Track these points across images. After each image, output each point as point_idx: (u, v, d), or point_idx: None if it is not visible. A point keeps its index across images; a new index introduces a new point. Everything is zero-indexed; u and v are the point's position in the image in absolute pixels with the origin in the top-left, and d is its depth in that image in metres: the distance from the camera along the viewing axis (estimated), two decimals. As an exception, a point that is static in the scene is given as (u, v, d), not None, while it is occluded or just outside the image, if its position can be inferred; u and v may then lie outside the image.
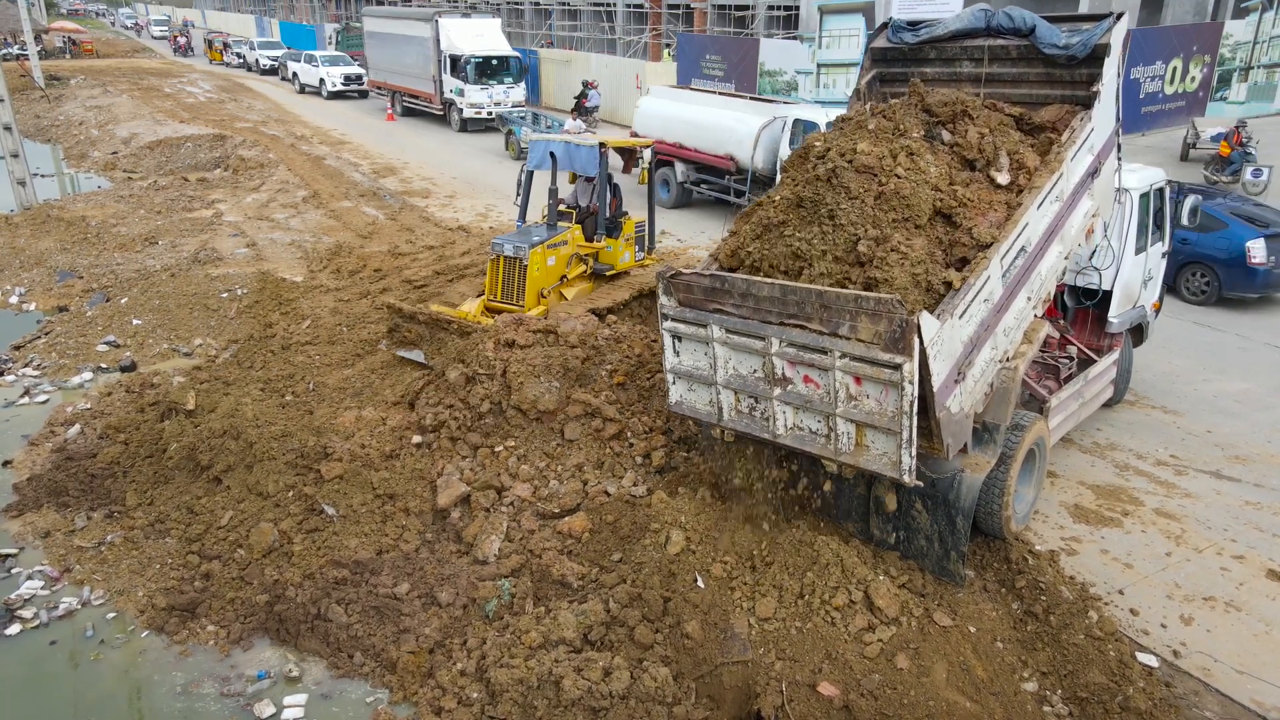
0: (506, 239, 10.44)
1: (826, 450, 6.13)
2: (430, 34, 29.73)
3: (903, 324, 5.39)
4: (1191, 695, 6.05)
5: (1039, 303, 7.13)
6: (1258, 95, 29.33)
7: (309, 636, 6.59)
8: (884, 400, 5.71)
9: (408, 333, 9.90)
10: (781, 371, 6.10)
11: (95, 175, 23.59)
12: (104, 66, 47.77)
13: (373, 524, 7.55)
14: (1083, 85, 7.49)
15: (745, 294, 6.09)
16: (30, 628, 6.85)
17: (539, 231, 10.69)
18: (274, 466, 7.99)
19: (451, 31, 29.44)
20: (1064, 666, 6.15)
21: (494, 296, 10.54)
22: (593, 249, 11.29)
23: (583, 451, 8.04)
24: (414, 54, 31.07)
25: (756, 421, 6.45)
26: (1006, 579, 6.92)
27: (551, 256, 10.54)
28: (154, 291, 13.21)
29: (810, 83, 26.58)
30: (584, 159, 10.81)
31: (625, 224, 11.60)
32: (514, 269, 10.26)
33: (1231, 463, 8.99)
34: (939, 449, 6.12)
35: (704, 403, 6.73)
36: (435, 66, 29.90)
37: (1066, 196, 7.07)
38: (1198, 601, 6.94)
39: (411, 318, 9.92)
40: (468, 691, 6.02)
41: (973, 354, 6.20)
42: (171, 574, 7.30)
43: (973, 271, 6.01)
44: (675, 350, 6.73)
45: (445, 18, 30.11)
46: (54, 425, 9.74)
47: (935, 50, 8.09)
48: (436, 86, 30.28)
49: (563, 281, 10.82)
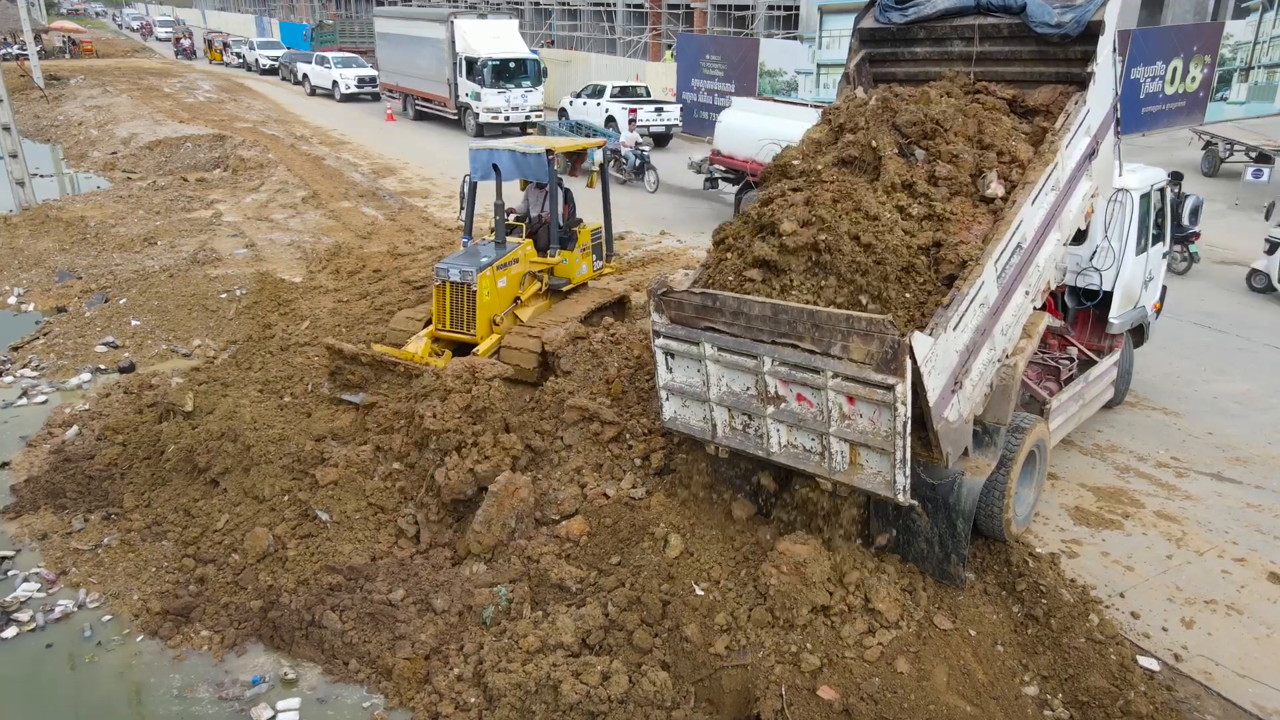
0: (451, 262, 9.61)
1: (821, 469, 6.09)
2: (445, 35, 28.73)
3: (895, 345, 5.34)
4: (1193, 699, 6.02)
5: (1038, 294, 7.03)
6: (1258, 95, 29.30)
7: (303, 643, 6.56)
8: (877, 420, 5.68)
9: (351, 375, 9.17)
10: (775, 390, 6.05)
11: (94, 175, 23.57)
12: (104, 66, 47.75)
13: (366, 530, 7.51)
14: (1078, 62, 7.23)
15: (737, 312, 6.04)
16: (26, 630, 6.83)
17: (487, 251, 9.86)
18: (270, 470, 7.95)
19: (467, 33, 28.38)
20: (1065, 670, 6.13)
21: (442, 326, 9.75)
22: (547, 264, 10.52)
23: (581, 455, 8.01)
24: (427, 56, 30.07)
25: (750, 439, 6.40)
26: (1007, 582, 6.89)
27: (502, 278, 9.75)
28: (153, 292, 13.19)
29: (810, 83, 26.55)
30: (533, 166, 10.01)
31: (580, 233, 10.87)
32: (462, 295, 9.46)
33: (1233, 464, 8.96)
34: (939, 458, 6.09)
35: (698, 419, 6.69)
36: (450, 69, 28.90)
37: (1063, 184, 6.96)
38: (1199, 604, 6.91)
39: (354, 359, 9.18)
40: (465, 696, 5.99)
41: (969, 361, 6.14)
42: (167, 577, 7.27)
43: (965, 280, 5.93)
44: (668, 367, 6.68)
45: (461, 19, 28.95)
46: (52, 426, 9.71)
47: (925, 30, 7.82)
48: (451, 90, 29.28)
49: (516, 304, 10.07)
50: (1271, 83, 29.57)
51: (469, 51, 27.92)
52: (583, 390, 8.74)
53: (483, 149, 10.13)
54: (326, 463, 7.98)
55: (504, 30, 29.68)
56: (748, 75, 27.00)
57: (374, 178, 22.41)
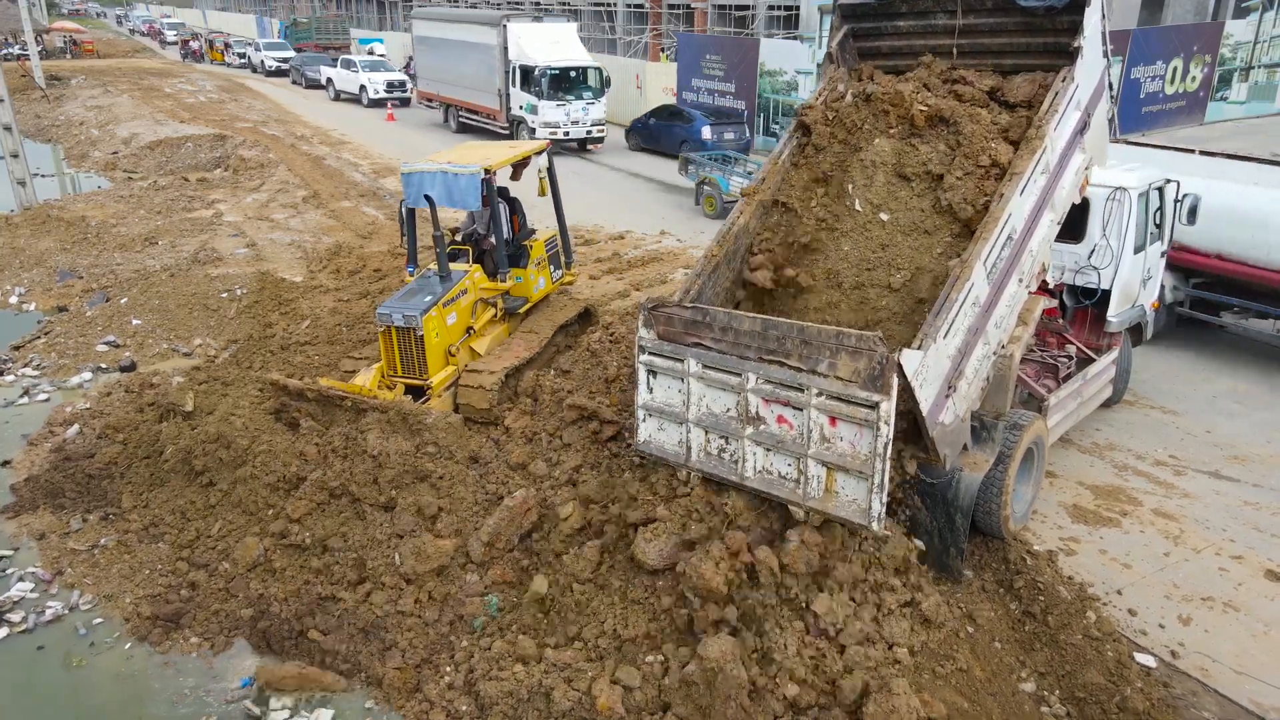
0: (393, 306, 8.70)
1: (795, 495, 5.92)
2: (496, 41, 25.90)
3: (883, 361, 5.29)
4: (1189, 695, 6.04)
5: (1032, 279, 6.93)
6: (1258, 95, 29.32)
7: (293, 653, 6.56)
8: (858, 442, 5.56)
9: (297, 412, 8.57)
10: (756, 410, 5.95)
11: (95, 175, 23.61)
12: (104, 67, 47.84)
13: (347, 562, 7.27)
14: (1065, 33, 6.98)
15: (726, 327, 6.01)
16: (18, 632, 6.82)
17: (432, 286, 8.98)
18: (256, 486, 7.80)
19: (522, 38, 25.59)
20: (1062, 667, 6.16)
21: (392, 371, 8.95)
22: (498, 289, 9.66)
23: (579, 454, 8.01)
24: (475, 63, 27.27)
25: (725, 464, 6.25)
26: (1005, 579, 6.92)
27: (451, 314, 8.95)
28: (154, 291, 13.22)
29: (810, 83, 26.58)
30: (462, 190, 8.87)
31: (533, 246, 10.10)
32: (409, 340, 8.67)
33: (1230, 463, 8.97)
34: (937, 460, 6.11)
35: (673, 443, 6.52)
36: (501, 78, 26.16)
37: (1054, 166, 6.82)
38: (1196, 601, 6.93)
39: (300, 395, 8.58)
40: (456, 705, 5.99)
41: (963, 363, 6.11)
42: (160, 580, 7.25)
43: (954, 286, 5.87)
44: (649, 386, 6.55)
45: (515, 22, 26.21)
46: (53, 425, 9.74)
47: (906, 3, 7.65)
48: (502, 101, 26.42)
49: (470, 334, 9.30)
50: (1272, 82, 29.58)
51: (524, 59, 25.34)
52: (581, 389, 8.76)
53: (414, 172, 9.13)
54: (305, 483, 7.70)
55: (563, 35, 26.83)
56: (748, 75, 27.02)
57: (374, 177, 22.45)
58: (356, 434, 7.92)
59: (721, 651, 5.44)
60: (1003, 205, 6.24)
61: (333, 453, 7.92)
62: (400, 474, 7.55)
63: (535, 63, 25.00)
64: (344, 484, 7.54)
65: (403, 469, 7.58)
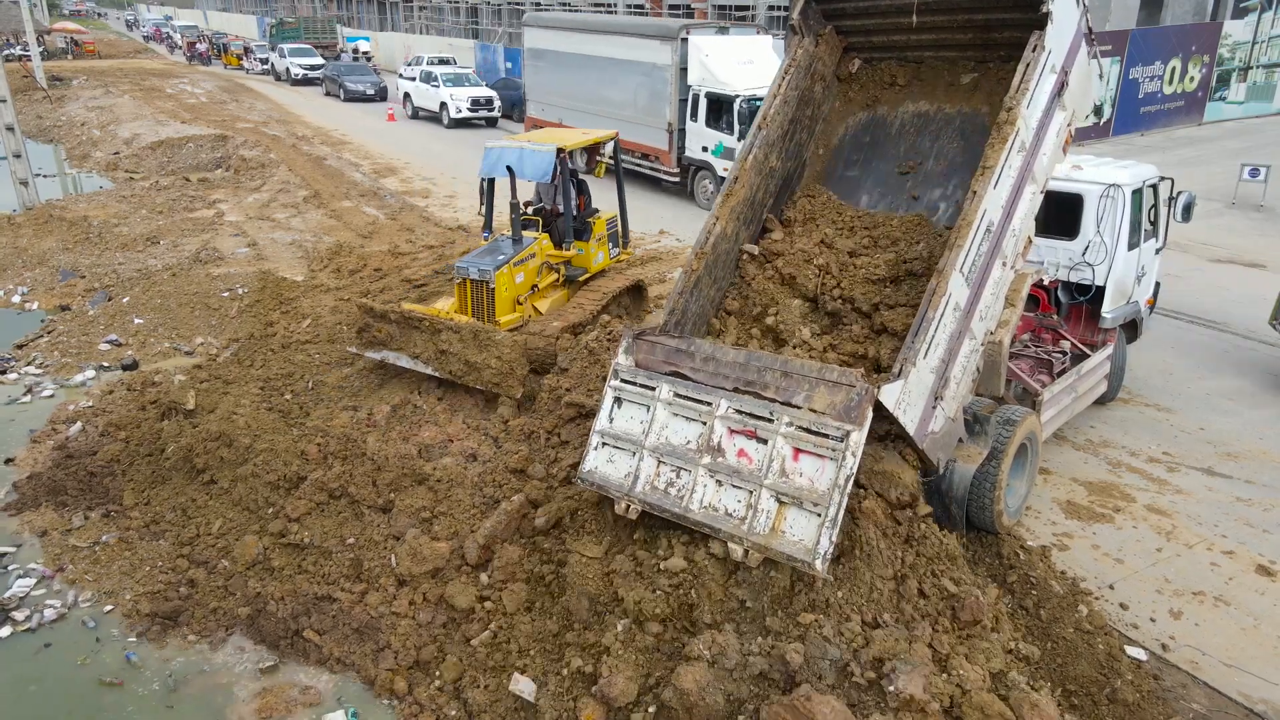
0: (471, 261, 9.87)
1: (739, 530, 5.64)
2: (670, 59, 19.32)
3: (862, 394, 5.30)
4: (1179, 688, 6.11)
5: (1016, 258, 6.80)
6: (1257, 95, 29.38)
7: (289, 652, 6.61)
8: (817, 477, 5.43)
9: (378, 332, 9.53)
10: (718, 440, 5.80)
11: (97, 175, 23.69)
12: (106, 67, 47.92)
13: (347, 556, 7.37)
14: None
15: (709, 358, 6.01)
16: (21, 630, 6.86)
17: (505, 247, 10.12)
18: (257, 484, 7.88)
19: (709, 55, 18.76)
20: (1053, 659, 6.21)
21: (465, 316, 10.02)
22: (563, 257, 10.80)
23: (578, 452, 8.06)
24: (631, 88, 20.66)
25: (670, 497, 5.96)
26: (998, 574, 6.97)
27: (520, 273, 10.08)
28: (155, 290, 13.30)
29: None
30: (534, 166, 10.06)
31: (596, 223, 11.15)
32: (481, 291, 9.80)
33: (1223, 459, 9.04)
34: (932, 465, 6.20)
35: (620, 474, 6.21)
36: (672, 109, 19.53)
37: (1030, 143, 6.54)
38: (1187, 596, 7.00)
39: (382, 316, 9.51)
40: (445, 709, 6.04)
41: (948, 370, 6.13)
42: (160, 577, 7.30)
43: (930, 303, 5.80)
44: (611, 415, 6.35)
45: (698, 34, 19.39)
46: (56, 423, 9.81)
47: None
48: (673, 141, 19.71)
49: (534, 291, 10.39)
50: (1270, 83, 29.64)
51: (713, 85, 18.53)
52: (579, 387, 8.82)
53: (495, 147, 10.49)
54: (304, 483, 7.82)
55: (758, 52, 19.62)
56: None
57: (375, 177, 22.52)
58: (357, 435, 8.02)
59: (695, 681, 5.24)
60: (975, 205, 6.03)
61: (333, 454, 8.08)
62: (399, 476, 7.69)
63: (732, 90, 18.13)
64: (343, 485, 7.68)
65: (401, 472, 7.73)
